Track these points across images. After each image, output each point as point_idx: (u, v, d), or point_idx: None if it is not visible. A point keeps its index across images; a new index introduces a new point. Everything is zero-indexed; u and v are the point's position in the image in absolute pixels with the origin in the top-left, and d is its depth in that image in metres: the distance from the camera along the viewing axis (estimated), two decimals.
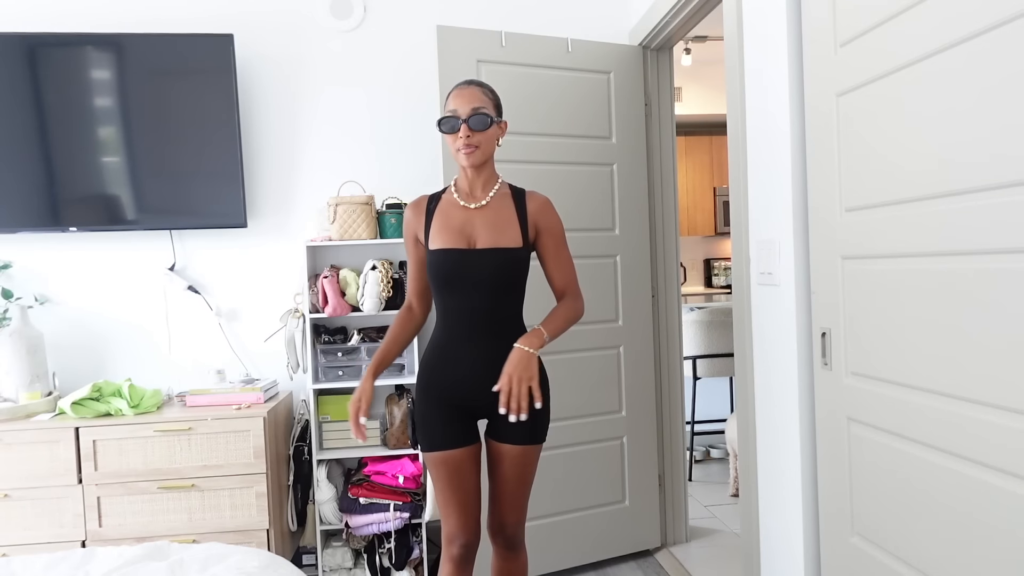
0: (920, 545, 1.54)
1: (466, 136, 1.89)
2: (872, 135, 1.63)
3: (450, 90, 1.98)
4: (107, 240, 3.08)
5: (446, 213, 1.97)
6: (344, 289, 2.94)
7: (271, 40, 3.14)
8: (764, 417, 2.18)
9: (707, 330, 4.18)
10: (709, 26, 4.87)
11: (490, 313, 1.93)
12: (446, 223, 1.96)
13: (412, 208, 2.03)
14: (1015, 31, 1.24)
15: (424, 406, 1.98)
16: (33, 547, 2.60)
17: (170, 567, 1.77)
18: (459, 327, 1.94)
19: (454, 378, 1.94)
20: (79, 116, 2.90)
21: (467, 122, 1.89)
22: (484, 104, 1.93)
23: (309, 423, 2.98)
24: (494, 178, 2.02)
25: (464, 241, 1.94)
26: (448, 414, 1.95)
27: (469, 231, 1.95)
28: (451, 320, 1.95)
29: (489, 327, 1.94)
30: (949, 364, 1.43)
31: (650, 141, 3.14)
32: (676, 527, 3.22)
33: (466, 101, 1.91)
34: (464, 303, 1.92)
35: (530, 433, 1.97)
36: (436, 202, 2.02)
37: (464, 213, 1.97)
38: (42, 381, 2.85)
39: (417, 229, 2.01)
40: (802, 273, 1.97)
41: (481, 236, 1.94)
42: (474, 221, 1.95)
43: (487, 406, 1.96)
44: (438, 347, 1.97)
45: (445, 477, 1.94)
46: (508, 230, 1.95)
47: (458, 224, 1.95)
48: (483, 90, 1.95)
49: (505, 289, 1.94)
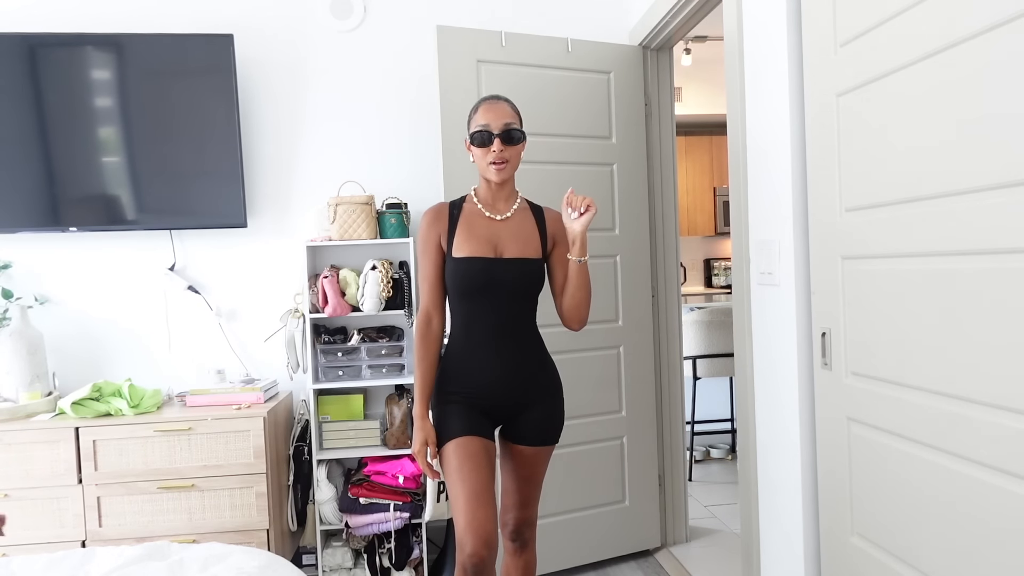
0: (920, 545, 1.54)
1: (499, 151, 1.93)
2: (872, 135, 1.63)
3: (476, 104, 2.01)
4: (107, 240, 3.08)
5: (471, 222, 2.00)
6: (344, 289, 2.94)
7: (271, 40, 3.14)
8: (764, 417, 2.18)
9: (707, 330, 4.18)
10: (709, 26, 4.87)
11: (512, 321, 1.98)
12: (472, 232, 1.98)
13: (434, 214, 2.03)
14: (1015, 31, 1.24)
15: (442, 407, 1.99)
16: (33, 547, 2.60)
17: (170, 567, 1.77)
18: (482, 335, 1.97)
19: (478, 384, 1.97)
20: (79, 116, 2.89)
21: (499, 137, 1.93)
22: (514, 120, 1.97)
23: (309, 423, 2.98)
24: (515, 193, 2.07)
25: (491, 250, 1.97)
26: (467, 411, 1.97)
27: (496, 241, 1.99)
28: (474, 328, 1.98)
29: (511, 335, 1.98)
30: (949, 364, 1.43)
31: (650, 141, 3.14)
32: (676, 527, 3.22)
33: (498, 116, 1.94)
34: (488, 311, 1.96)
35: (546, 435, 2.03)
36: (458, 210, 2.03)
37: (490, 224, 2.00)
38: (42, 381, 2.85)
39: (440, 235, 2.01)
40: (802, 273, 1.97)
41: (508, 247, 1.98)
42: (500, 233, 2.00)
43: (508, 411, 2.00)
44: (459, 355, 2.00)
45: (458, 464, 1.90)
46: (531, 243, 2.01)
47: (485, 234, 1.99)
48: (511, 106, 2.00)
49: (527, 298, 2.00)
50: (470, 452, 1.91)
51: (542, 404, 2.03)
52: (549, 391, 2.04)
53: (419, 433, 1.95)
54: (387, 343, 3.02)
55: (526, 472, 2.04)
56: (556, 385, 2.07)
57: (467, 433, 1.93)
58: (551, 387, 2.05)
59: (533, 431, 2.01)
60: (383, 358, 3.01)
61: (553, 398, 2.05)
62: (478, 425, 1.96)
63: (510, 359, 1.98)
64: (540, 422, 2.02)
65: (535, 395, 2.01)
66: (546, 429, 2.02)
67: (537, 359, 2.03)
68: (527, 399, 2.01)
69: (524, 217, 2.05)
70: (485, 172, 1.98)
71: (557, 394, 2.06)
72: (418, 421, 1.97)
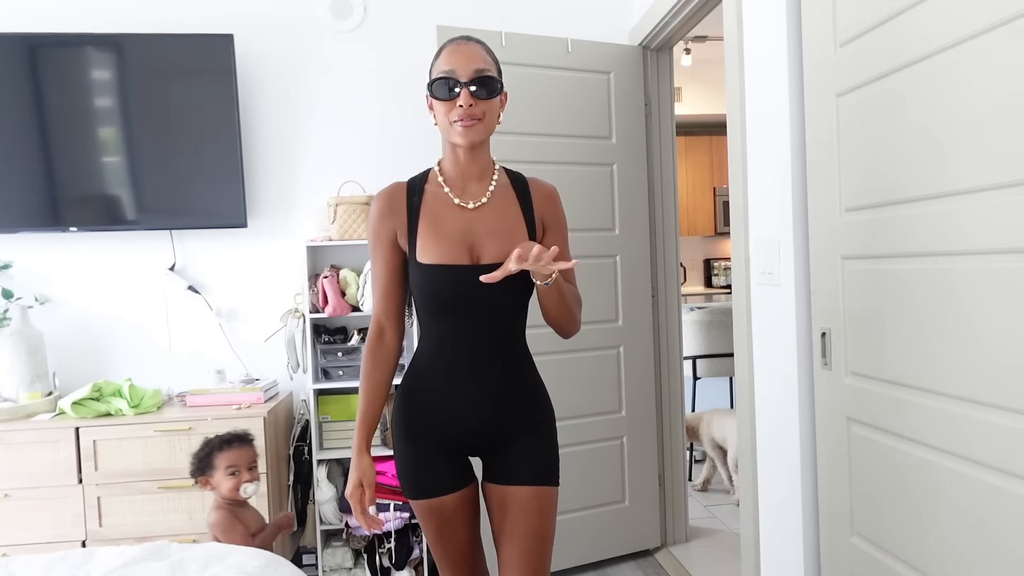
0: (920, 545, 1.54)
1: (468, 104, 1.48)
2: (872, 135, 1.63)
3: (440, 47, 1.56)
4: (107, 240, 3.08)
5: (436, 214, 1.56)
6: (344, 289, 2.94)
7: (271, 40, 3.14)
8: (764, 417, 2.18)
9: (707, 330, 4.18)
10: (709, 26, 4.87)
11: (494, 341, 1.57)
12: (439, 228, 1.55)
13: (385, 201, 1.59)
14: (1015, 31, 1.24)
15: (406, 444, 1.61)
16: (33, 547, 2.60)
17: (170, 567, 1.77)
18: (456, 356, 1.56)
19: (449, 415, 1.58)
20: (79, 116, 2.89)
21: (467, 86, 1.48)
22: (488, 67, 1.52)
23: (309, 423, 2.98)
24: (491, 164, 1.61)
25: (466, 255, 1.54)
26: (436, 455, 1.59)
27: (471, 240, 1.55)
28: (445, 348, 1.57)
29: (492, 357, 1.57)
30: (949, 364, 1.43)
31: (650, 141, 3.14)
32: (676, 527, 3.22)
33: (466, 60, 1.49)
34: (465, 329, 1.55)
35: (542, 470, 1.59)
36: (419, 195, 1.58)
37: (461, 215, 1.56)
38: (42, 381, 2.85)
39: (396, 230, 1.58)
40: (802, 273, 1.97)
41: (487, 247, 1.55)
42: (475, 227, 1.56)
43: (486, 445, 1.61)
44: (425, 377, 1.59)
45: (436, 529, 1.60)
46: (516, 235, 1.56)
47: (456, 230, 1.55)
48: (484, 48, 1.54)
49: (516, 311, 1.59)
50: (447, 518, 1.59)
51: (534, 433, 1.61)
52: (539, 419, 1.63)
53: (354, 472, 1.56)
54: None
55: (525, 525, 1.56)
56: (548, 414, 1.65)
57: (441, 492, 1.57)
58: (542, 416, 1.64)
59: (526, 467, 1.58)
60: None
61: (546, 427, 1.63)
62: (453, 474, 1.60)
63: (488, 390, 1.57)
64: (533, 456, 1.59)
65: (524, 425, 1.61)
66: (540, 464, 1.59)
67: (523, 387, 1.62)
68: (509, 434, 1.60)
69: (505, 200, 1.59)
70: (448, 134, 1.53)
71: (549, 422, 1.65)
72: (354, 457, 1.57)
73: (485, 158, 1.60)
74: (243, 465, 2.18)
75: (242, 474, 2.17)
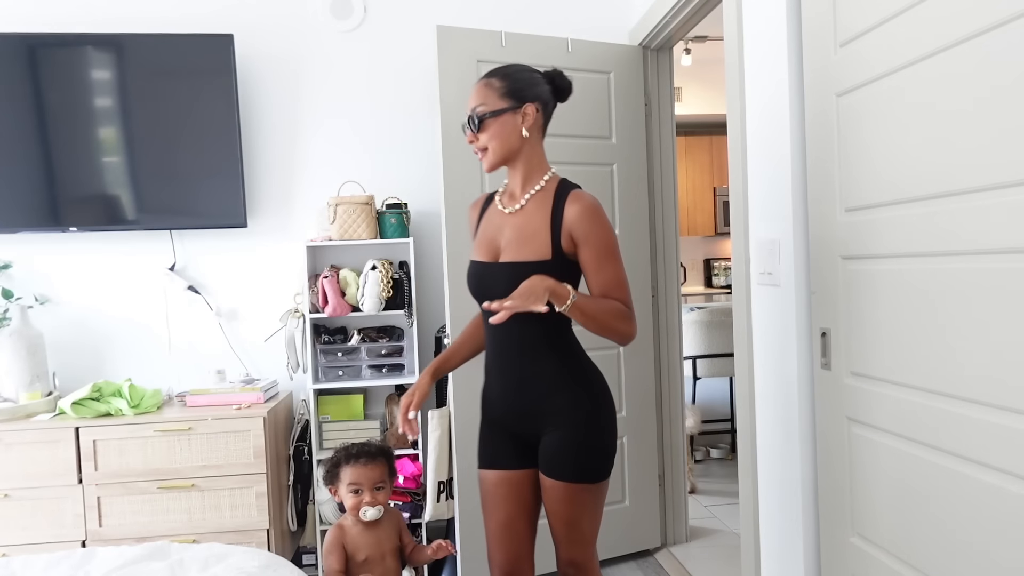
0: (920, 545, 1.54)
1: (470, 142, 1.75)
2: (872, 135, 1.63)
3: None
4: (107, 240, 3.08)
5: (488, 218, 1.80)
6: (344, 289, 2.94)
7: (271, 40, 3.14)
8: (764, 417, 2.18)
9: (707, 330, 4.18)
10: (709, 26, 4.86)
11: (519, 335, 1.71)
12: (484, 230, 1.79)
13: (471, 209, 1.89)
14: (1015, 31, 1.24)
15: (482, 421, 1.85)
16: (33, 547, 2.60)
17: (170, 567, 1.77)
18: (492, 348, 1.78)
19: (491, 397, 1.80)
20: (79, 116, 2.89)
21: (468, 126, 1.74)
22: (485, 100, 1.71)
23: (309, 423, 2.98)
24: (537, 173, 1.75)
25: (491, 253, 1.74)
26: (492, 432, 1.81)
27: (499, 241, 1.73)
28: (488, 340, 1.79)
29: (522, 350, 1.72)
30: (949, 364, 1.43)
31: (650, 141, 3.14)
32: (676, 527, 3.21)
33: (472, 101, 1.74)
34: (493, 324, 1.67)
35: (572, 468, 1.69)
36: (489, 202, 1.84)
37: (500, 219, 1.76)
38: (42, 381, 2.85)
39: (473, 230, 1.86)
40: (802, 273, 1.97)
41: (508, 248, 1.71)
42: (504, 229, 1.73)
43: (529, 431, 1.76)
44: (485, 367, 1.82)
45: (483, 494, 1.81)
46: (535, 240, 1.67)
47: (492, 232, 1.76)
48: (489, 81, 1.73)
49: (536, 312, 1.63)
50: (487, 488, 1.80)
51: (561, 431, 1.70)
52: (568, 416, 1.70)
53: (413, 386, 1.80)
54: (387, 343, 3.02)
55: (555, 509, 1.72)
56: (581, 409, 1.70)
57: (486, 465, 1.80)
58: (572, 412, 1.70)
59: (545, 460, 1.72)
60: (383, 358, 3.01)
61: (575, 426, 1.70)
62: (499, 453, 1.78)
63: (516, 378, 1.73)
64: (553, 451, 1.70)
65: (551, 419, 1.71)
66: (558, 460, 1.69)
67: (554, 378, 1.71)
68: (539, 425, 1.73)
69: (539, 207, 1.71)
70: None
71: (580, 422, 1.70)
72: (420, 376, 1.83)
73: (526, 169, 1.75)
74: (367, 484, 1.96)
75: (364, 494, 1.95)
